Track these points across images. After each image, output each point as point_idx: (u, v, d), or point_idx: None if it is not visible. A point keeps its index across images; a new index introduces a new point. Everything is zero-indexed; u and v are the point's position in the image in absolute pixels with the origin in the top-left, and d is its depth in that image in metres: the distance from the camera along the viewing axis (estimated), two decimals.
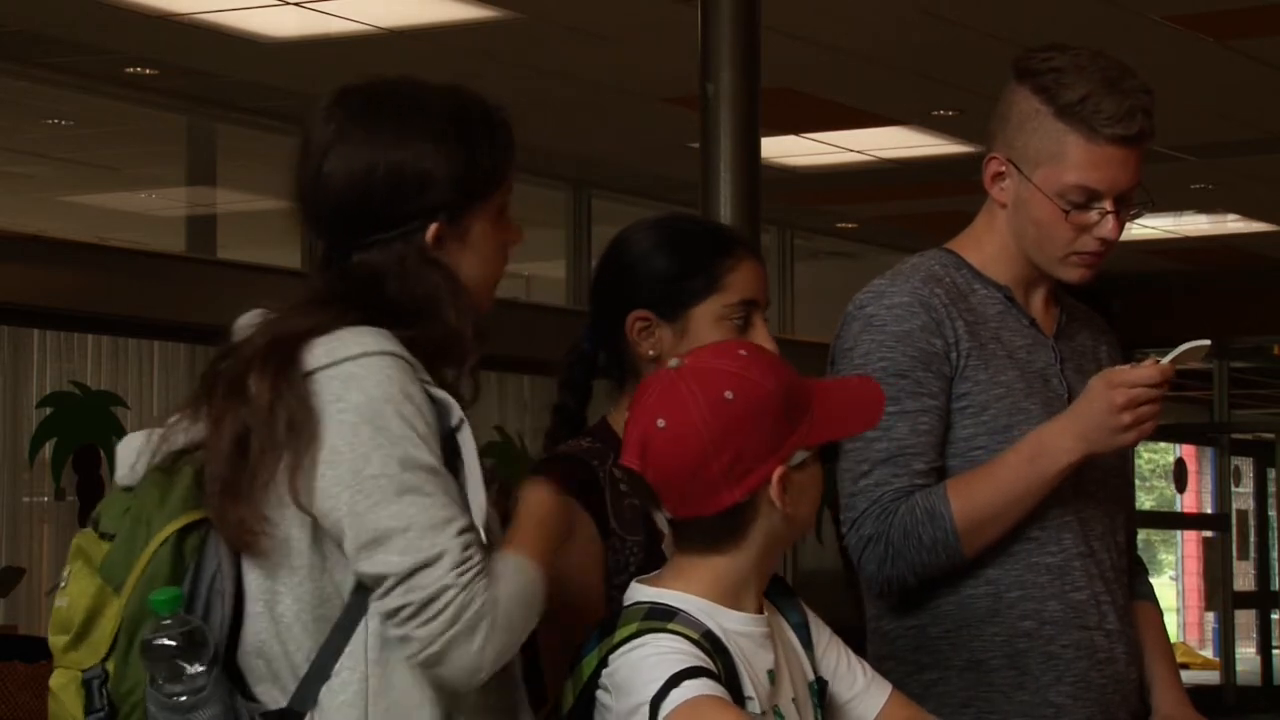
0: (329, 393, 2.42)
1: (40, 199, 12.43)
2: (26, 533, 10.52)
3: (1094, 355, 3.23)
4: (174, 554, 2.42)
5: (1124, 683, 3.10)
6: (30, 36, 9.35)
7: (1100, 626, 3.08)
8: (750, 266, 2.97)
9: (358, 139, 2.53)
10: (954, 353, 3.06)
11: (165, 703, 2.36)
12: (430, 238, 2.52)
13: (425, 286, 2.51)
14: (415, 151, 2.52)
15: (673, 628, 2.38)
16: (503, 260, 2.63)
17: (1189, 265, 15.70)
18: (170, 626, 2.36)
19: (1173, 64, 9.71)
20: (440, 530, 2.36)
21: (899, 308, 3.06)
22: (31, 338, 10.44)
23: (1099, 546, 3.11)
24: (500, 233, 2.60)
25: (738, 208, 6.05)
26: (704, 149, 6.14)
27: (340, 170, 2.53)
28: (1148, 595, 3.27)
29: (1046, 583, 3.06)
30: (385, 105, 2.56)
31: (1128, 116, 3.00)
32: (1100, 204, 3.03)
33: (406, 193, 2.51)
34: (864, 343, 3.06)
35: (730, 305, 2.93)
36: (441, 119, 2.56)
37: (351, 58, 9.55)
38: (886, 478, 3.02)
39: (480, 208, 2.56)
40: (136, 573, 2.41)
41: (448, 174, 2.52)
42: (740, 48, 6.14)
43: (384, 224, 2.52)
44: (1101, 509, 3.12)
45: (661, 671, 2.34)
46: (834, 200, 13.46)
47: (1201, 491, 23.85)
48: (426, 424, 2.42)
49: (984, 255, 3.15)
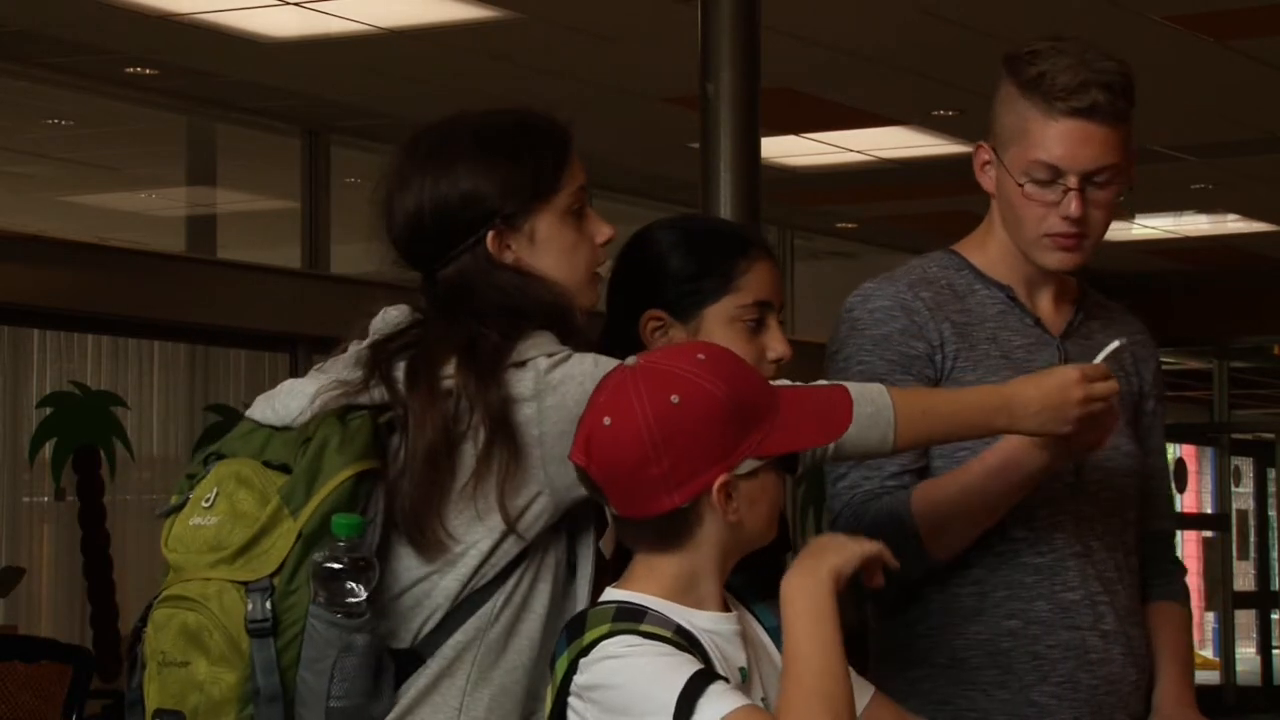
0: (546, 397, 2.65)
1: (40, 199, 12.42)
2: (26, 533, 10.52)
3: (1115, 356, 3.21)
4: (352, 493, 2.59)
5: (1120, 684, 3.08)
6: (30, 36, 9.35)
7: (1095, 627, 3.07)
8: (765, 268, 2.98)
9: (410, 179, 2.78)
10: (938, 355, 3.07)
11: (332, 619, 2.53)
12: (491, 244, 2.75)
13: (501, 285, 2.74)
14: (456, 176, 2.76)
15: (644, 629, 2.36)
16: (588, 254, 2.81)
17: (1189, 265, 15.70)
18: (343, 550, 2.53)
19: (1173, 64, 9.71)
20: None
21: (879, 311, 3.08)
22: (31, 338, 10.44)
23: (1099, 546, 3.09)
24: (576, 229, 2.80)
25: (738, 208, 6.05)
26: (704, 149, 6.14)
27: (399, 211, 2.79)
28: (1174, 595, 3.25)
29: (1034, 582, 3.05)
30: (432, 140, 2.81)
31: (1080, 89, 2.99)
32: (1064, 180, 3.02)
33: (455, 214, 2.76)
34: (848, 345, 3.09)
35: (743, 306, 2.94)
36: (479, 139, 2.79)
37: (351, 58, 9.56)
38: (858, 480, 3.03)
39: (540, 209, 2.78)
40: (316, 501, 2.57)
41: (492, 187, 2.76)
42: (740, 48, 6.14)
43: (449, 244, 2.76)
44: (1105, 509, 3.11)
45: (663, 690, 2.31)
46: (834, 200, 13.46)
47: (1201, 491, 23.84)
48: None
49: (987, 255, 3.15)
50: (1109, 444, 3.10)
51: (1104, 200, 3.05)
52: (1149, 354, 3.27)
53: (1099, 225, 3.06)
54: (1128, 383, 3.20)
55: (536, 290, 2.74)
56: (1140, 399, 3.24)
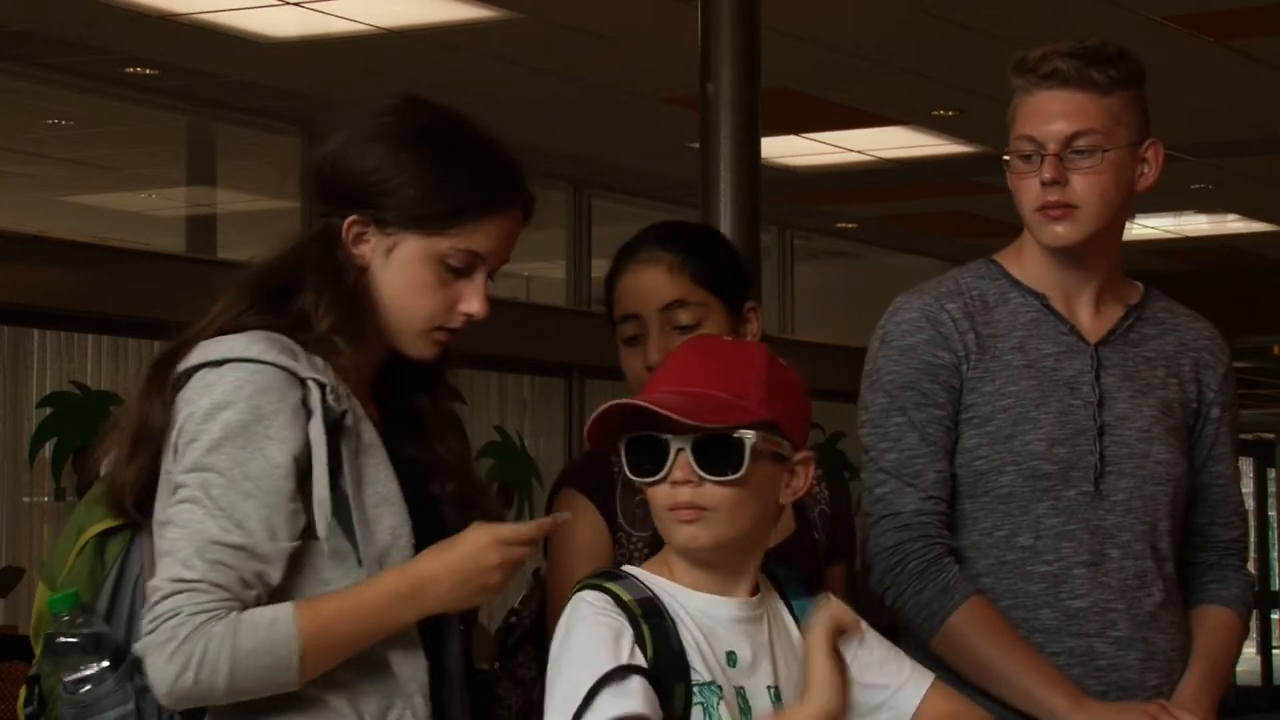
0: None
1: (40, 199, 12.42)
2: (26, 533, 10.53)
3: (1171, 361, 3.21)
4: (95, 555, 2.52)
5: (1134, 690, 3.07)
6: (30, 36, 9.35)
7: (1104, 634, 3.07)
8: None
9: (364, 126, 2.64)
10: (964, 365, 3.10)
11: (69, 699, 2.45)
12: (346, 229, 2.60)
13: (303, 258, 2.60)
14: (388, 149, 2.60)
15: (609, 585, 2.43)
16: (432, 309, 2.62)
17: (1189, 265, 15.70)
18: (71, 625, 2.45)
19: (1173, 64, 9.71)
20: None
21: (907, 323, 3.12)
22: (31, 338, 10.44)
23: (1119, 554, 3.09)
24: (437, 278, 2.61)
25: (738, 208, 6.05)
26: (704, 149, 6.13)
27: (328, 142, 2.66)
28: (1225, 600, 3.23)
29: (1040, 591, 3.07)
30: (423, 112, 2.66)
31: (1044, 59, 3.07)
32: (1042, 151, 3.06)
33: (348, 178, 2.60)
34: (878, 358, 3.14)
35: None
36: (437, 138, 2.62)
37: (351, 58, 9.56)
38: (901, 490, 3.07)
39: (416, 234, 2.60)
40: (64, 573, 2.52)
41: (398, 182, 2.59)
42: (740, 48, 6.14)
43: (328, 200, 2.63)
44: (1132, 516, 3.10)
45: (578, 671, 2.37)
46: (834, 200, 13.46)
47: None
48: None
49: (1023, 264, 3.18)
50: (1139, 451, 3.11)
51: (1090, 170, 3.07)
52: (1215, 360, 3.25)
53: (1089, 197, 3.08)
54: (1182, 390, 3.20)
55: (310, 296, 2.57)
56: (1199, 405, 3.22)
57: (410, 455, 2.65)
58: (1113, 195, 3.10)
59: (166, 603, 2.41)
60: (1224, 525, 3.27)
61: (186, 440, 2.47)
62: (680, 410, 2.41)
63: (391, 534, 2.51)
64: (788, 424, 2.51)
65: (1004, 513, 3.08)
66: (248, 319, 2.54)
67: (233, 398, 2.46)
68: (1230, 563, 3.27)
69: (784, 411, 2.50)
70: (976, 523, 3.09)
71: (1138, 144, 3.11)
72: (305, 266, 2.59)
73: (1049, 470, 3.07)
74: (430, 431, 2.70)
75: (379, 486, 2.52)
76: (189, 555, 2.42)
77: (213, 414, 2.46)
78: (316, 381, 2.49)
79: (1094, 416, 3.10)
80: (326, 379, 2.51)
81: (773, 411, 2.48)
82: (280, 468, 2.46)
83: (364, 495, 2.51)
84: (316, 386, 2.49)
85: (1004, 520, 3.08)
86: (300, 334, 2.54)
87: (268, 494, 2.45)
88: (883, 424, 3.09)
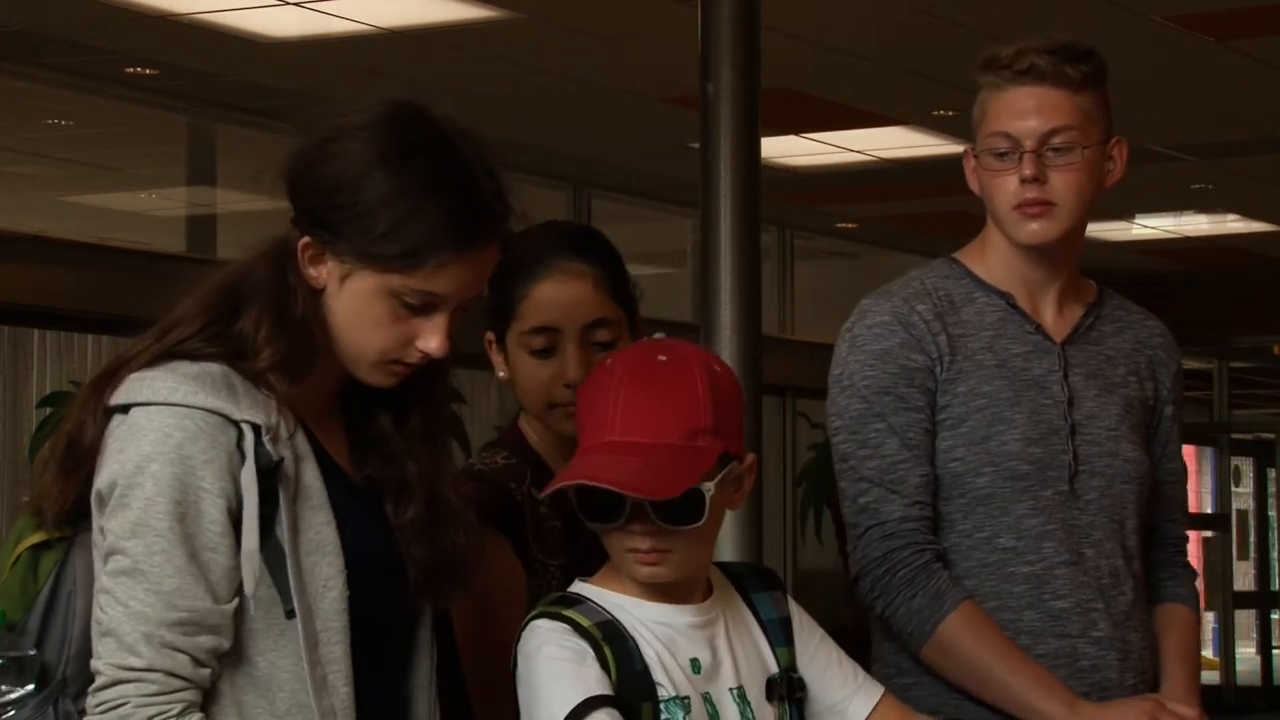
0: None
1: (40, 199, 12.42)
2: None
3: (1129, 360, 3.21)
4: (26, 570, 2.42)
5: (1114, 690, 3.08)
6: (30, 36, 9.34)
7: (1084, 634, 3.07)
8: (545, 288, 2.87)
9: (350, 130, 2.48)
10: (938, 367, 3.09)
11: None
12: (302, 249, 2.45)
13: (255, 273, 2.46)
14: (365, 160, 2.43)
15: (568, 614, 2.43)
16: (387, 343, 2.44)
17: (1189, 265, 15.70)
18: None
19: (1173, 64, 9.71)
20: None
21: (878, 326, 3.10)
22: (31, 338, 10.44)
23: (1094, 554, 3.10)
24: (392, 314, 2.43)
25: (738, 208, 6.05)
26: (704, 149, 6.14)
27: (305, 135, 2.52)
28: (1181, 598, 3.24)
29: (1023, 592, 3.07)
30: (420, 127, 2.48)
31: (1019, 56, 3.07)
32: (1020, 148, 3.06)
33: (315, 188, 2.45)
34: (849, 363, 3.10)
35: (524, 333, 2.88)
36: (430, 160, 2.43)
37: (351, 58, 9.56)
38: (884, 498, 3.05)
39: (372, 269, 2.41)
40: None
41: (368, 203, 2.40)
42: (740, 48, 6.14)
43: (293, 204, 2.49)
44: (1103, 515, 3.11)
45: (551, 700, 2.38)
46: (834, 200, 13.46)
47: (1201, 491, 23.83)
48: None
49: (986, 263, 3.17)
50: (1108, 450, 3.11)
51: (1067, 167, 3.07)
52: (1169, 358, 3.27)
53: (1066, 194, 3.07)
54: (1141, 388, 3.21)
55: (252, 318, 2.42)
56: (1155, 403, 3.24)
57: (372, 475, 2.54)
58: (1088, 192, 3.10)
59: (114, 690, 2.32)
60: (1174, 522, 3.28)
61: (118, 496, 2.36)
62: (639, 487, 2.39)
63: (324, 585, 2.41)
64: (735, 441, 2.49)
65: (984, 514, 3.07)
66: (192, 344, 2.42)
67: (161, 447, 2.35)
68: (1179, 560, 3.30)
69: (731, 428, 2.48)
70: (954, 525, 3.08)
71: (1106, 141, 3.12)
72: (251, 286, 2.45)
73: (1026, 470, 3.07)
74: (392, 450, 2.54)
75: (313, 534, 2.41)
76: (134, 640, 2.31)
77: (142, 468, 2.34)
78: (251, 424, 2.37)
79: (1064, 416, 3.11)
80: (265, 418, 2.38)
81: (722, 437, 2.46)
82: (216, 524, 2.35)
83: (299, 543, 2.39)
84: (250, 430, 2.37)
85: (984, 522, 3.07)
86: (241, 362, 2.42)
87: (207, 553, 2.35)
88: (860, 431, 3.07)
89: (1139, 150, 12.21)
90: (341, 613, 2.41)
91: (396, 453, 2.54)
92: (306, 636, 2.38)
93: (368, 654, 2.46)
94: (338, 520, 2.44)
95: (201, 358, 2.41)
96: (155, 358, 2.42)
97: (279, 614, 2.38)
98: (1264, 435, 19.55)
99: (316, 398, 2.50)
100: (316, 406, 2.50)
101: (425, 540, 2.52)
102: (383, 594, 2.48)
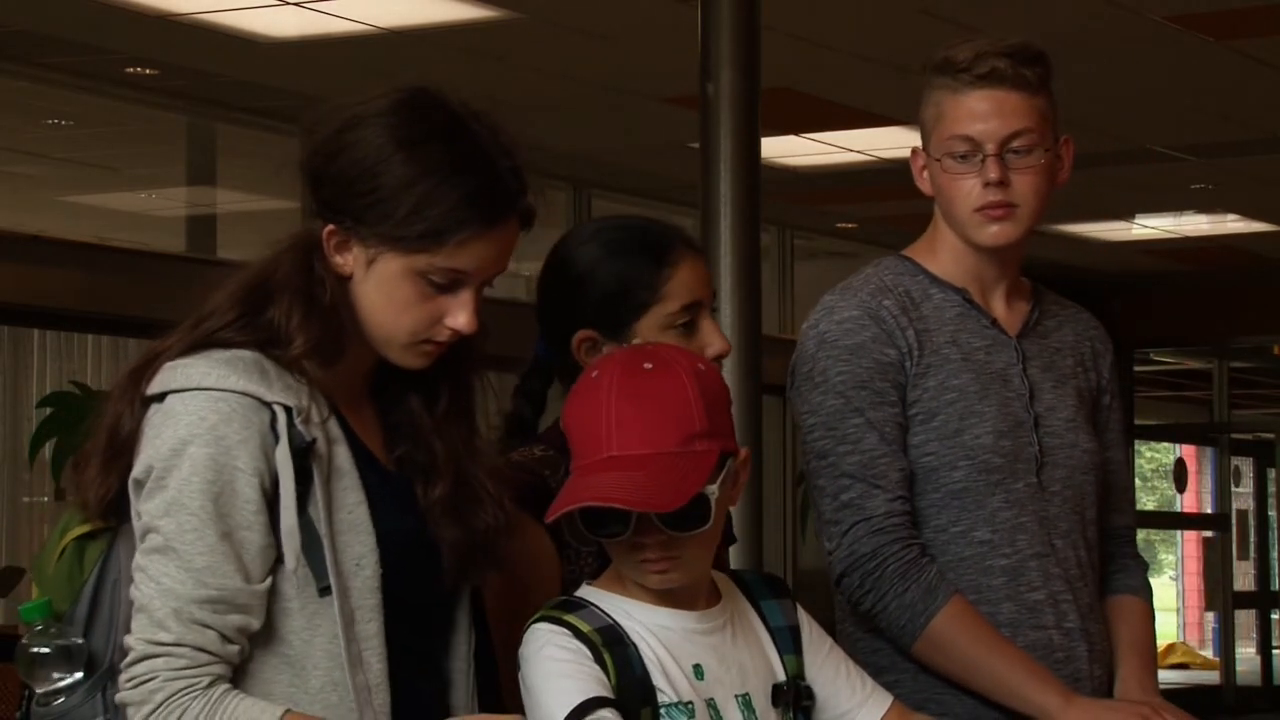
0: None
1: (40, 199, 12.42)
2: (26, 533, 10.52)
3: (1074, 351, 3.24)
4: (73, 560, 2.48)
5: (1085, 680, 3.10)
6: (30, 36, 9.34)
7: (1058, 625, 3.09)
8: (689, 267, 2.90)
9: (373, 117, 2.55)
10: (908, 361, 3.09)
11: (40, 711, 2.42)
12: (326, 236, 2.49)
13: (282, 265, 2.51)
14: (391, 145, 2.49)
15: (569, 619, 2.43)
16: (417, 323, 2.49)
17: (1189, 265, 15.70)
18: (44, 635, 2.42)
19: (1173, 64, 9.71)
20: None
21: (849, 322, 3.10)
22: (31, 338, 10.44)
23: (1063, 545, 3.12)
24: (420, 294, 2.48)
25: (738, 208, 6.06)
26: (704, 149, 6.14)
27: (327, 121, 2.59)
28: (1133, 589, 3.26)
29: (1000, 585, 3.08)
30: (395, 117, 2.55)
31: (979, 59, 3.09)
32: (981, 150, 3.07)
33: (339, 176, 2.49)
34: (820, 360, 3.10)
35: (671, 314, 2.87)
36: (458, 138, 2.51)
37: (351, 58, 9.55)
38: (868, 493, 3.04)
39: (394, 252, 2.47)
40: (49, 575, 2.49)
41: (391, 188, 2.46)
42: (740, 48, 6.15)
43: (316, 196, 2.53)
44: (1068, 506, 3.14)
45: (551, 701, 2.38)
46: (834, 200, 13.46)
47: (1201, 491, 23.85)
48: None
49: (939, 259, 3.19)
50: (1069, 441, 3.12)
51: (1028, 169, 3.08)
52: (1104, 349, 3.31)
53: (1028, 196, 3.09)
54: (1086, 378, 3.24)
55: (283, 307, 2.47)
56: (1098, 393, 3.27)
57: (403, 457, 2.57)
58: (1045, 193, 3.13)
59: (143, 665, 2.36)
60: (1120, 512, 3.30)
61: (155, 478, 2.40)
62: (648, 501, 2.39)
63: (357, 564, 2.44)
64: (729, 438, 2.49)
65: (959, 508, 3.08)
66: (225, 334, 2.47)
67: (196, 430, 2.39)
68: (1128, 550, 3.31)
69: (724, 427, 2.48)
70: (929, 520, 3.09)
71: (1057, 141, 3.14)
72: (279, 278, 2.50)
73: (999, 463, 3.08)
74: (421, 431, 2.59)
75: (346, 513, 2.45)
76: (164, 615, 2.36)
77: (178, 450, 2.39)
78: (283, 406, 2.42)
79: (1028, 408, 3.13)
80: (296, 401, 2.43)
81: (718, 437, 2.45)
82: (251, 503, 2.39)
83: (333, 522, 2.43)
84: (283, 411, 2.41)
85: (959, 515, 3.08)
86: (274, 350, 2.46)
87: (241, 533, 2.39)
88: (838, 426, 3.06)
89: (1139, 150, 12.21)
90: (375, 590, 2.45)
91: (425, 433, 2.58)
92: (343, 613, 2.42)
93: (402, 635, 2.49)
94: (369, 502, 2.47)
95: (234, 345, 2.47)
96: (189, 347, 2.48)
97: (312, 592, 2.42)
98: (1264, 435, 19.55)
99: (348, 384, 2.54)
100: (348, 393, 2.54)
101: (455, 520, 2.55)
102: (415, 576, 2.51)
